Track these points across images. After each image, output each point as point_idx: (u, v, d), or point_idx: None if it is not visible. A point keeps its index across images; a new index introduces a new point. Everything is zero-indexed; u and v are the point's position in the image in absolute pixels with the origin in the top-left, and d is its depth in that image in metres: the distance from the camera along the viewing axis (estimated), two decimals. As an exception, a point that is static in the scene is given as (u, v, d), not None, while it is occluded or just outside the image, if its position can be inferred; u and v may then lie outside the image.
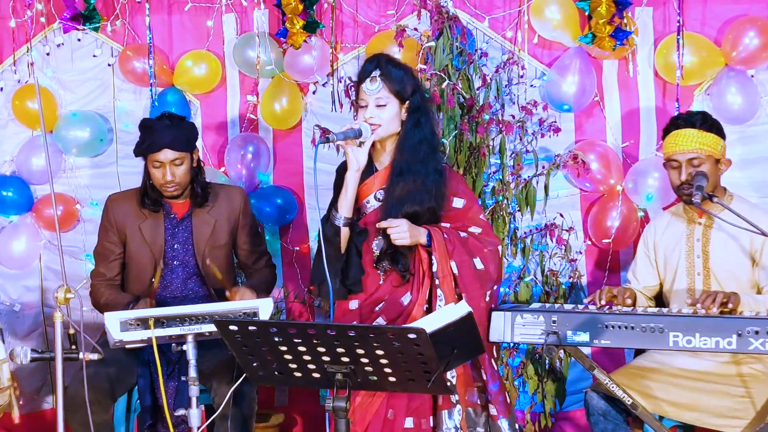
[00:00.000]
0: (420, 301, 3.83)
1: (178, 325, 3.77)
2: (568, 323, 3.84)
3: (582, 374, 5.05)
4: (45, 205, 5.62)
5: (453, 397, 3.79)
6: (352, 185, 3.88)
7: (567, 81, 5.03)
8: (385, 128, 3.86)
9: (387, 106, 3.86)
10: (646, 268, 4.37)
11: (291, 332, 2.99)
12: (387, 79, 3.85)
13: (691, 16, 5.01)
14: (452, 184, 3.95)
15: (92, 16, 5.50)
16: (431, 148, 3.91)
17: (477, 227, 3.94)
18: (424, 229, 3.82)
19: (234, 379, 3.88)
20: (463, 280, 3.82)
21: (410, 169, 3.86)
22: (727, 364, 4.04)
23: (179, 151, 4.39)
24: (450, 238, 3.83)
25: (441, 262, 3.79)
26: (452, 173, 4.04)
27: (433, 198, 3.87)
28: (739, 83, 4.91)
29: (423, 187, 3.85)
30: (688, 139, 4.10)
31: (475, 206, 4.02)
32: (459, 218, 3.93)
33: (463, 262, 3.82)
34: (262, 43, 5.33)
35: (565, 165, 4.99)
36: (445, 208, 3.92)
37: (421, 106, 3.91)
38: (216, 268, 4.39)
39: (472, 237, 3.91)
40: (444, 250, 3.80)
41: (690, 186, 4.09)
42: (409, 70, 3.97)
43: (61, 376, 3.36)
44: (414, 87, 3.91)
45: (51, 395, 5.69)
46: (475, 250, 3.88)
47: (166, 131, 4.38)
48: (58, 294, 3.37)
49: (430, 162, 3.88)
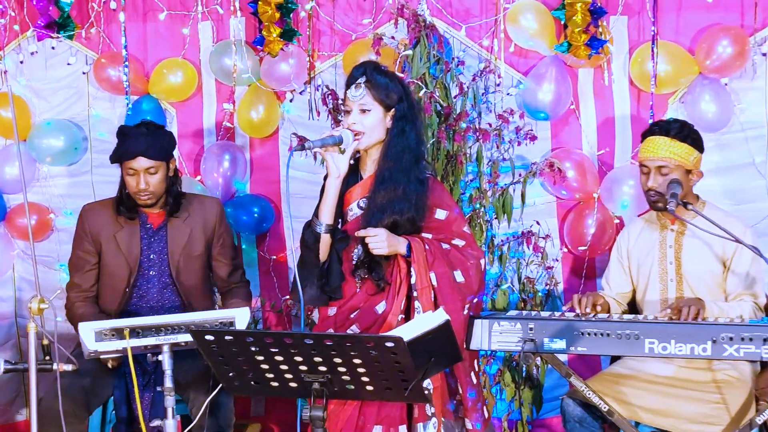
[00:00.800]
0: (395, 310, 3.81)
1: (154, 335, 3.74)
2: (544, 330, 3.84)
3: (559, 381, 5.06)
4: (18, 214, 5.58)
5: (429, 409, 3.77)
6: (332, 192, 3.87)
7: (543, 89, 5.04)
8: (368, 136, 3.85)
9: (370, 113, 3.84)
10: (619, 274, 4.38)
11: (268, 342, 2.98)
12: (371, 86, 3.83)
13: (666, 25, 5.04)
14: (435, 195, 3.92)
15: (66, 24, 5.47)
16: (415, 158, 3.88)
17: (461, 239, 3.92)
18: (404, 240, 3.80)
19: (210, 390, 3.85)
20: (442, 292, 3.80)
21: (392, 177, 3.83)
22: (702, 371, 4.06)
23: (154, 160, 4.36)
24: (431, 250, 3.81)
25: (420, 273, 3.78)
26: (436, 184, 4.00)
27: (413, 208, 3.84)
28: (713, 91, 4.94)
29: (404, 196, 3.82)
30: (658, 147, 4.14)
31: (459, 218, 3.98)
32: (442, 230, 3.90)
33: (443, 274, 3.80)
34: (238, 51, 5.32)
35: (541, 173, 5.00)
36: (427, 219, 3.89)
37: (407, 115, 3.88)
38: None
39: (454, 249, 3.89)
40: (424, 261, 3.78)
41: (657, 193, 4.14)
42: (397, 79, 3.95)
43: (35, 388, 3.33)
44: (401, 95, 3.87)
45: (25, 407, 5.64)
46: (456, 262, 3.86)
47: (141, 139, 4.36)
48: (32, 304, 3.34)
49: (412, 171, 3.85)
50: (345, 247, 3.89)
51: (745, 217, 4.59)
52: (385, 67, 3.96)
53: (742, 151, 5.02)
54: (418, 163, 3.90)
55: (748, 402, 3.96)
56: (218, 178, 5.39)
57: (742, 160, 5.02)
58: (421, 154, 3.94)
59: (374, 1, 5.29)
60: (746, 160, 5.01)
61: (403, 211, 3.82)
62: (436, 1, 5.19)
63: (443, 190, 4.03)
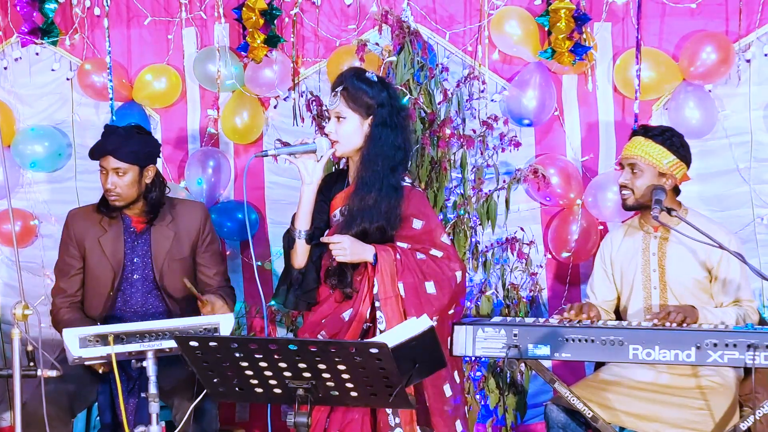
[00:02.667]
0: (359, 318, 3.77)
1: (138, 342, 3.74)
2: (529, 337, 3.85)
3: (543, 387, 5.07)
4: (2, 220, 5.57)
5: (393, 420, 3.71)
6: (305, 199, 3.86)
7: (527, 96, 5.05)
8: (343, 144, 3.83)
9: (346, 121, 3.81)
10: (603, 282, 4.39)
11: (252, 348, 2.98)
12: (347, 94, 3.80)
13: (650, 32, 5.06)
14: (412, 205, 3.85)
15: (50, 30, 5.46)
16: (391, 166, 3.81)
17: (438, 250, 3.84)
18: (371, 248, 3.75)
19: (195, 396, 3.85)
20: (408, 303, 3.73)
21: (365, 185, 3.79)
22: (686, 377, 4.07)
23: (123, 162, 4.37)
24: (402, 259, 3.75)
25: (384, 283, 3.72)
26: (414, 193, 3.90)
27: (383, 217, 3.78)
28: (697, 98, 4.96)
29: (374, 205, 3.77)
30: (633, 145, 4.21)
31: (437, 229, 3.90)
32: (419, 240, 3.83)
33: (411, 285, 3.74)
34: (222, 57, 5.32)
35: (525, 179, 5.01)
36: (404, 229, 3.83)
37: (387, 122, 3.81)
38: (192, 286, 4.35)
39: (430, 260, 3.81)
40: (391, 270, 3.73)
41: (627, 189, 4.20)
42: (382, 85, 3.86)
43: (19, 394, 3.33)
44: (381, 101, 3.81)
45: (9, 412, 5.62)
46: (430, 273, 3.78)
47: (113, 139, 4.39)
48: (16, 310, 3.33)
49: (386, 179, 3.79)
50: (320, 252, 3.88)
51: (728, 224, 4.62)
52: (372, 73, 3.90)
53: (726, 158, 5.03)
54: (395, 171, 3.83)
55: (732, 408, 3.97)
56: (203, 185, 5.38)
57: (726, 167, 5.04)
58: (399, 161, 3.85)
59: (358, 8, 5.29)
60: (730, 167, 5.03)
61: (372, 219, 3.77)
62: (420, 7, 5.20)
63: (421, 200, 3.94)
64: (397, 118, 3.86)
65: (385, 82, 3.93)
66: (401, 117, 3.90)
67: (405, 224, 3.83)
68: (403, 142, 3.88)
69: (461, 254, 4.92)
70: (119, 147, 4.37)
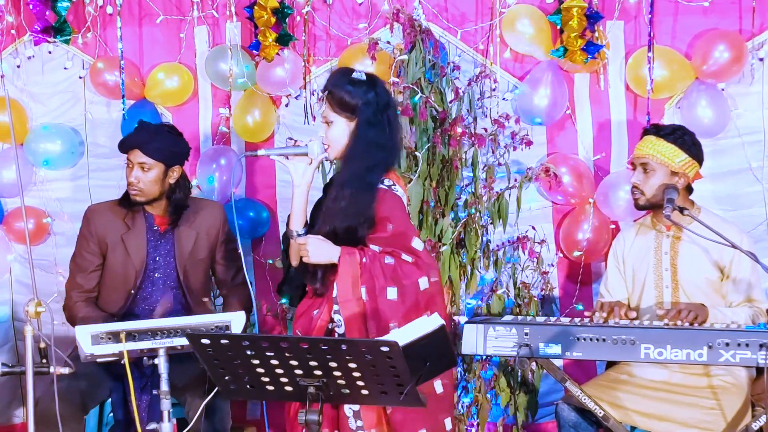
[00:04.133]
0: (324, 316, 3.74)
1: (150, 339, 3.75)
2: (540, 336, 3.85)
3: (554, 386, 5.06)
4: (15, 218, 5.59)
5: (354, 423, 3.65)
6: (296, 200, 3.85)
7: (539, 94, 5.05)
8: (334, 147, 3.80)
9: (333, 124, 3.79)
10: (618, 280, 4.39)
11: (263, 345, 2.99)
12: (331, 98, 3.78)
13: (662, 30, 5.05)
14: (385, 207, 3.74)
15: (63, 29, 5.48)
16: (368, 165, 3.73)
17: (409, 255, 3.72)
18: (337, 249, 3.68)
19: (206, 393, 3.86)
20: (367, 308, 3.66)
21: (342, 184, 3.75)
22: (697, 376, 4.06)
23: (149, 157, 4.41)
24: (367, 263, 3.67)
25: (344, 286, 3.67)
26: (388, 195, 3.77)
27: (353, 217, 3.73)
28: (710, 97, 4.95)
29: (346, 206, 3.72)
30: (645, 144, 4.21)
31: (408, 233, 3.76)
32: (390, 243, 3.72)
33: (371, 289, 3.66)
34: (234, 55, 5.32)
35: (537, 178, 5.01)
36: (376, 231, 3.74)
37: (371, 120, 3.75)
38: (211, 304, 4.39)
39: (397, 265, 3.70)
40: (354, 274, 3.66)
41: (638, 190, 4.21)
42: (366, 85, 3.78)
43: (32, 391, 3.34)
44: (366, 101, 3.75)
45: (21, 409, 5.64)
46: (394, 278, 3.68)
47: (143, 133, 4.45)
48: (29, 308, 3.35)
49: (363, 178, 3.73)
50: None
51: (741, 223, 4.60)
52: (360, 73, 3.81)
53: (738, 157, 5.02)
54: (371, 170, 3.75)
55: (744, 408, 3.96)
56: (214, 183, 5.39)
57: (738, 166, 5.02)
58: (378, 160, 3.77)
59: (370, 6, 5.29)
60: (743, 166, 5.01)
61: (342, 220, 3.72)
62: (431, 5, 5.20)
63: (396, 202, 3.80)
64: (382, 116, 3.78)
65: (374, 80, 3.84)
66: (387, 115, 3.81)
67: (378, 227, 3.74)
68: (387, 140, 3.79)
69: (472, 253, 4.92)
70: (147, 142, 4.41)
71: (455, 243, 4.90)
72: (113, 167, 5.39)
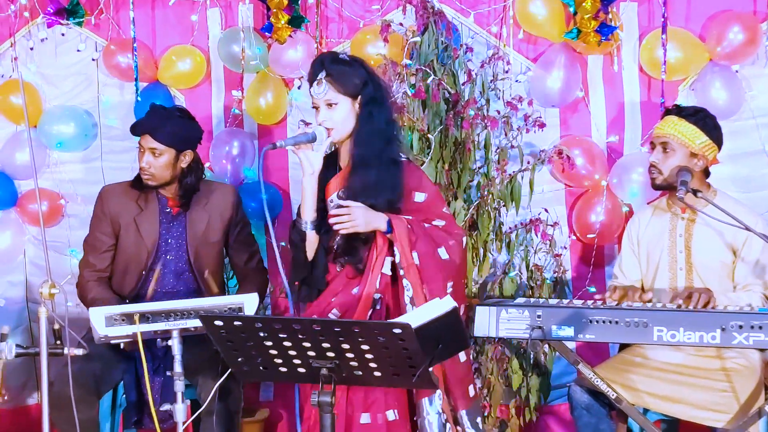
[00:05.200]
0: (369, 288, 3.76)
1: (164, 321, 3.76)
2: (552, 318, 3.85)
3: (567, 368, 5.07)
4: (29, 200, 5.60)
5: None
6: (309, 189, 3.86)
7: (552, 76, 5.04)
8: (340, 129, 3.82)
9: (338, 106, 3.80)
10: (632, 262, 4.38)
11: (276, 327, 2.99)
12: (333, 79, 3.78)
13: (676, 12, 5.03)
14: (412, 178, 3.86)
15: (76, 11, 5.48)
16: (386, 140, 3.82)
17: (441, 220, 3.86)
18: (384, 216, 3.74)
19: (219, 375, 3.87)
20: (425, 272, 3.74)
21: (365, 162, 3.79)
22: (710, 359, 4.06)
23: (159, 143, 4.40)
24: (413, 228, 3.75)
25: (404, 251, 3.72)
26: (411, 167, 3.93)
27: (389, 190, 3.79)
28: (724, 78, 4.93)
29: (378, 179, 3.77)
30: (666, 124, 4.19)
31: (437, 200, 3.92)
32: (422, 212, 3.84)
33: (425, 253, 3.75)
34: (246, 37, 5.32)
35: (550, 160, 5.00)
36: (406, 202, 3.83)
37: (375, 97, 3.81)
38: (213, 282, 4.39)
39: (435, 229, 3.83)
40: (406, 239, 3.73)
41: (656, 169, 4.19)
42: (357, 64, 3.85)
43: (46, 372, 3.36)
44: (365, 80, 3.80)
45: (36, 391, 5.67)
46: (440, 240, 3.80)
47: (154, 118, 4.44)
48: (43, 289, 3.37)
49: (384, 153, 3.80)
50: (329, 238, 3.88)
51: (755, 205, 4.59)
52: (345, 54, 3.91)
53: (752, 139, 5.00)
54: (390, 144, 3.84)
55: (757, 390, 3.96)
56: (227, 165, 5.40)
57: (752, 148, 5.01)
58: (393, 134, 3.87)
59: (383, -12, 5.29)
60: (757, 148, 5.00)
61: (379, 194, 3.77)
62: (444, -13, 5.19)
63: (420, 173, 3.96)
64: (381, 92, 3.86)
65: (359, 60, 3.91)
66: (384, 91, 3.90)
67: (406, 198, 3.84)
68: (391, 115, 3.90)
69: (485, 235, 4.92)
70: (158, 127, 4.41)
71: (468, 225, 4.90)
72: (126, 149, 5.40)
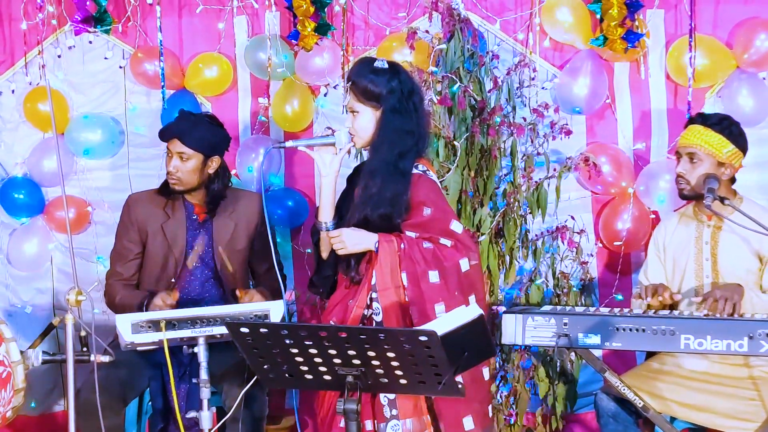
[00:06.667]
0: (360, 303, 3.74)
1: (190, 327, 3.78)
2: (579, 326, 3.83)
3: (593, 376, 5.05)
4: (56, 207, 5.64)
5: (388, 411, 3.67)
6: (325, 191, 3.88)
7: (578, 83, 5.02)
8: (361, 136, 3.83)
9: (359, 114, 3.81)
10: (657, 269, 4.36)
11: (302, 335, 3.00)
12: (355, 88, 3.80)
13: (703, 19, 5.01)
14: (421, 192, 3.77)
15: (103, 19, 5.51)
16: (397, 151, 3.76)
17: (448, 239, 3.75)
18: (374, 236, 3.71)
19: (245, 382, 3.88)
20: (409, 293, 3.68)
21: (373, 172, 3.76)
22: (738, 367, 4.03)
23: (188, 147, 4.43)
24: (406, 249, 3.69)
25: (383, 274, 3.69)
26: (423, 180, 3.81)
27: (389, 204, 3.74)
28: (751, 85, 4.91)
29: (378, 192, 3.73)
30: (691, 134, 4.16)
31: (443, 215, 3.80)
32: (427, 228, 3.75)
33: (413, 274, 3.68)
34: (273, 45, 5.33)
35: (576, 167, 4.99)
36: (412, 216, 3.76)
37: (395, 108, 3.77)
38: (227, 259, 4.39)
39: (437, 249, 3.73)
40: (393, 261, 3.68)
41: (684, 180, 4.16)
42: (389, 73, 3.80)
43: (73, 379, 3.37)
44: (390, 89, 3.77)
45: (62, 398, 5.70)
46: (434, 262, 3.70)
47: (183, 123, 4.48)
48: (70, 296, 3.38)
49: (392, 165, 3.75)
50: None
51: (782, 213, 4.55)
52: (383, 61, 3.84)
53: (779, 146, 4.98)
54: (403, 156, 3.77)
55: (784, 399, 3.94)
56: (253, 172, 5.41)
57: (780, 155, 4.98)
58: (410, 146, 3.78)
59: (409, -4, 5.29)
60: (784, 155, 4.97)
61: (374, 206, 3.73)
62: (470, -5, 5.19)
63: (431, 186, 3.83)
64: (407, 103, 3.80)
65: (397, 68, 3.86)
66: (413, 102, 3.83)
67: (414, 212, 3.77)
68: (415, 126, 3.81)
69: (511, 243, 4.91)
70: (187, 132, 4.43)
71: (494, 233, 4.89)
72: (153, 157, 5.43)
